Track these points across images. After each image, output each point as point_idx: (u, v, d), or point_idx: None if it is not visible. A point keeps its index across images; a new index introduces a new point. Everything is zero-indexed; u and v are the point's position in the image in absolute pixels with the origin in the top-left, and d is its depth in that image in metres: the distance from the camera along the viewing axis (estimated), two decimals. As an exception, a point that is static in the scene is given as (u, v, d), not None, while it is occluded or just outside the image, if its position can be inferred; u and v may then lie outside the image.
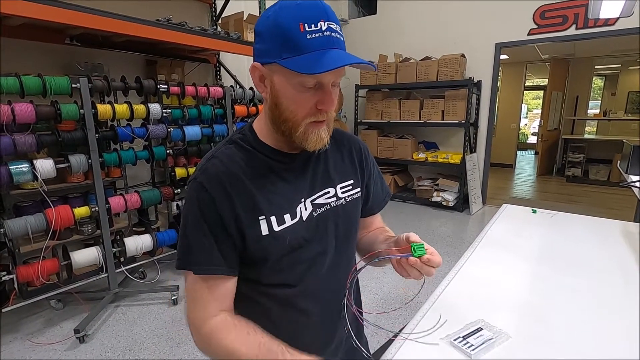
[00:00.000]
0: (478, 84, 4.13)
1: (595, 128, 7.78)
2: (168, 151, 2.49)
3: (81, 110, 1.99)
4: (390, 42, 4.70)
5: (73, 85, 1.96)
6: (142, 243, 2.35)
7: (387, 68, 4.38)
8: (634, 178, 1.11)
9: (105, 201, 2.14)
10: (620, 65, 7.09)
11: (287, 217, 0.67)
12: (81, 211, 2.06)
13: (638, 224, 1.50)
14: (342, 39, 0.61)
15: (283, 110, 0.63)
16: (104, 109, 2.11)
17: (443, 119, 4.14)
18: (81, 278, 2.21)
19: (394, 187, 4.62)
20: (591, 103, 7.53)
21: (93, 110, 2.04)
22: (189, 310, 0.66)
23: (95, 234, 2.39)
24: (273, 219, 0.66)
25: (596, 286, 1.00)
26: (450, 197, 4.15)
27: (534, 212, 1.68)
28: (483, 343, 0.74)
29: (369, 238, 0.84)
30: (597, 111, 7.72)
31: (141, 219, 2.76)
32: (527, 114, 10.49)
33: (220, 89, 2.74)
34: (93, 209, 2.10)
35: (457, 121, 4.03)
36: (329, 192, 0.73)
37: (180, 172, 2.60)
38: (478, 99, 4.21)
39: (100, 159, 2.09)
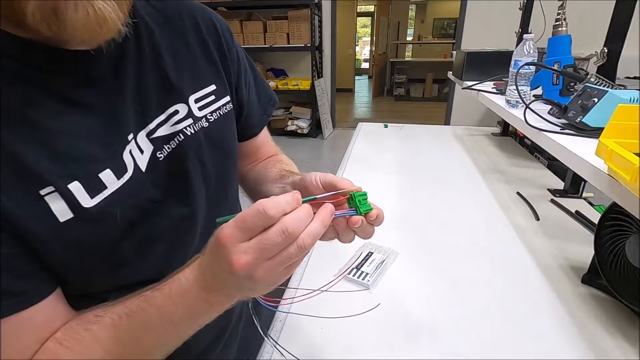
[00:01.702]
0: (319, 5, 4.03)
1: (411, 52, 9.01)
2: None
3: None
4: (220, -50, 4.00)
5: None
6: None
7: (221, -18, 3.78)
8: (470, 83, 1.21)
9: None
10: (427, -6, 8.14)
11: (105, 176, 0.36)
12: None
13: (463, 126, 1.75)
14: None
15: None
16: None
17: (289, 43, 3.96)
18: None
19: (247, 121, 4.37)
20: (409, 30, 8.57)
21: None
22: None
23: None
24: (75, 187, 0.34)
25: (453, 187, 1.09)
26: (304, 125, 4.20)
27: (386, 127, 1.77)
28: (376, 268, 0.69)
29: (255, 173, 0.57)
30: (413, 36, 8.88)
31: None
32: (358, 41, 11.30)
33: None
34: None
35: (302, 45, 3.92)
36: (177, 113, 0.43)
37: None
38: (320, 21, 4.14)
39: None
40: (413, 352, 0.53)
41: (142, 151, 0.40)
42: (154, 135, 0.41)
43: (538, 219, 0.88)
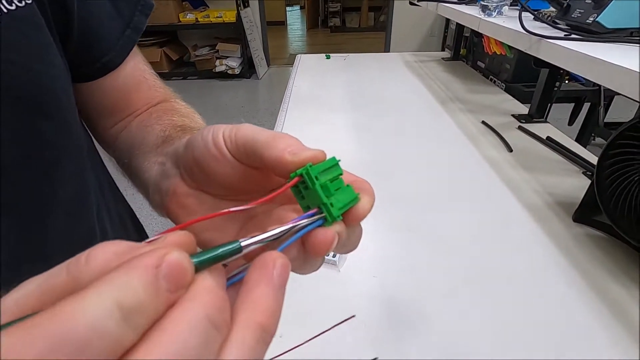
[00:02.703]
0: None
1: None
2: None
3: None
4: None
5: None
6: None
7: None
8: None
9: None
10: None
11: None
12: None
13: (411, 52, 1.59)
14: None
15: None
16: None
17: (203, -36, 3.34)
18: None
19: (167, 64, 3.78)
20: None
21: None
22: None
23: None
24: None
25: (414, 122, 0.95)
26: (234, 64, 3.74)
27: (328, 57, 1.55)
28: (343, 236, 0.53)
29: (130, 138, 0.31)
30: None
31: None
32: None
33: None
34: None
35: (220, -34, 3.33)
36: None
37: None
38: (238, -64, 3.50)
39: None
40: (401, 344, 0.41)
41: None
42: None
43: (511, 150, 0.78)
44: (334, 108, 1.04)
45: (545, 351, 0.40)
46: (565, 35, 0.48)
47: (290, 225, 0.14)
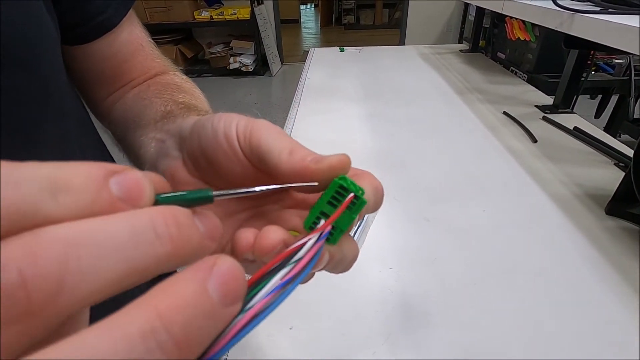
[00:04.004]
0: None
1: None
2: None
3: None
4: None
5: None
6: None
7: None
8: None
9: None
10: None
11: None
12: None
13: (427, 45, 1.54)
14: None
15: None
16: None
17: (218, -38, 3.35)
18: None
19: (182, 62, 3.81)
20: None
21: None
22: None
23: None
24: None
25: (432, 112, 0.92)
26: (248, 61, 3.75)
27: (342, 50, 1.52)
28: (357, 226, 0.51)
29: (127, 108, 0.28)
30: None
31: None
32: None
33: None
34: None
35: (235, -37, 3.34)
36: None
37: None
38: None
39: None
40: (417, 338, 0.38)
41: None
42: None
43: (535, 141, 0.74)
44: (347, 98, 1.01)
45: (576, 352, 0.37)
46: (600, 9, 0.44)
47: (295, 245, 0.13)
